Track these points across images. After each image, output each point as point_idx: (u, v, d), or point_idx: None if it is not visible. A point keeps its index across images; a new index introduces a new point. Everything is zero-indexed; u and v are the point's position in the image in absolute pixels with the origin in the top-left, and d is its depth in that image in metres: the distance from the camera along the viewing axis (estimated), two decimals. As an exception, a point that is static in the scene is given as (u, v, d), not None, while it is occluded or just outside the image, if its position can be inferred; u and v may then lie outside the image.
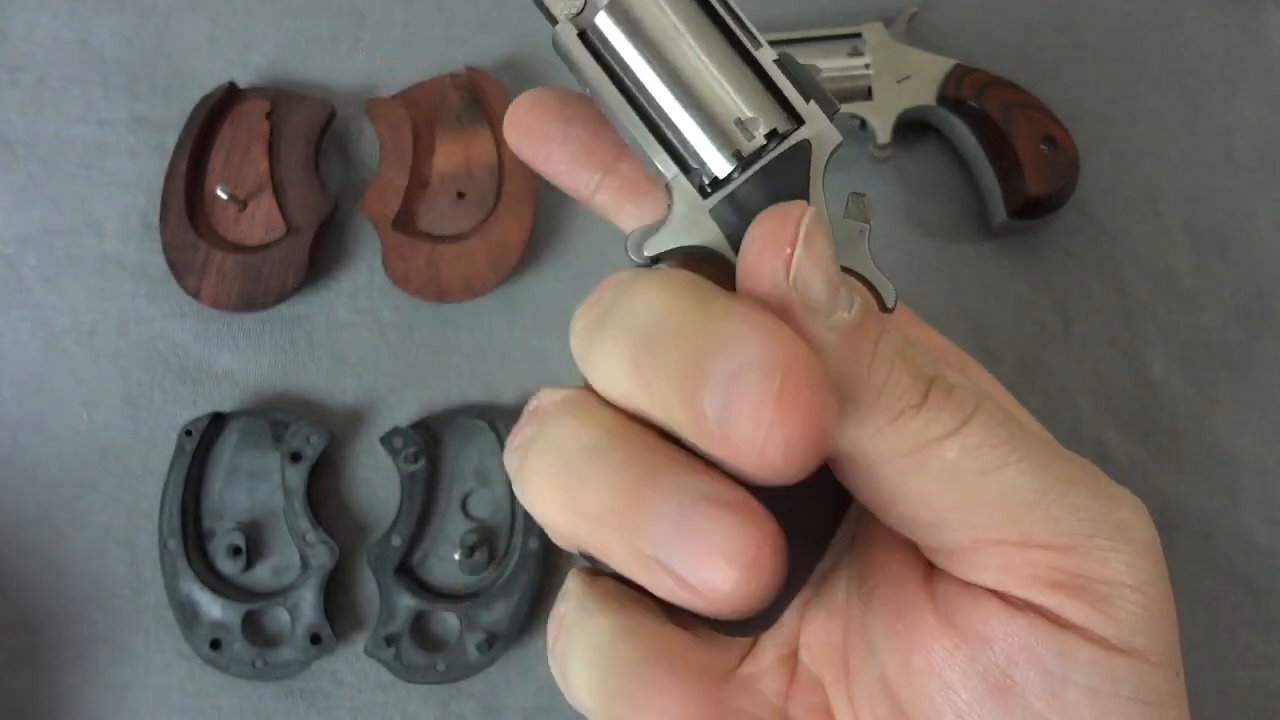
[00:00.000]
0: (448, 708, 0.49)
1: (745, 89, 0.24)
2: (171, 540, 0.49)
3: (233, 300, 0.52)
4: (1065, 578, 0.22)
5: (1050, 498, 0.22)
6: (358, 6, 0.58)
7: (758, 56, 0.25)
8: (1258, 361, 0.52)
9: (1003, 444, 0.22)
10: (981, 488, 0.22)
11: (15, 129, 0.56)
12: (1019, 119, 0.52)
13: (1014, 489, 0.22)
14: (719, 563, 0.19)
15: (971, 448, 0.22)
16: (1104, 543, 0.22)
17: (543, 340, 0.53)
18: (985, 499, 0.22)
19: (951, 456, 0.22)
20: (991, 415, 0.22)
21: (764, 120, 0.24)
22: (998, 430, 0.22)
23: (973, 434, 0.22)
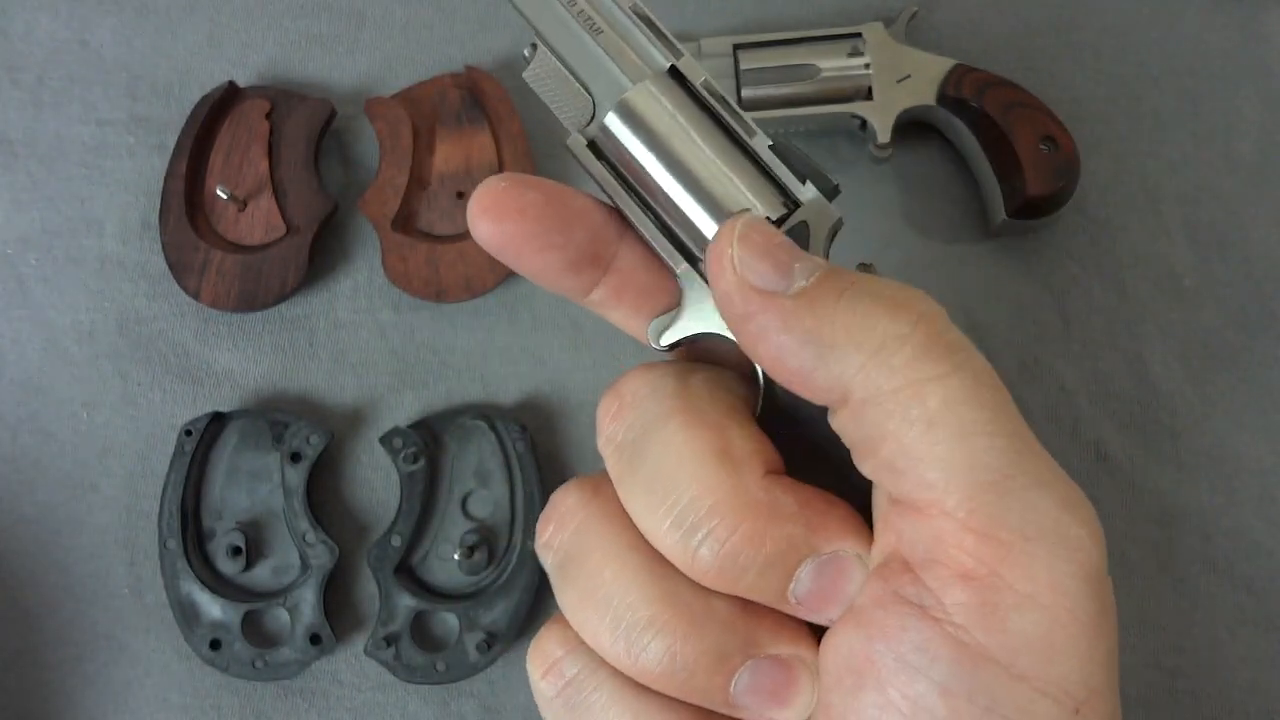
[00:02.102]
0: (448, 708, 0.49)
1: (743, 179, 0.25)
2: (171, 540, 0.49)
3: (233, 300, 0.52)
4: (982, 572, 0.22)
5: (1012, 486, 0.22)
6: (358, 6, 0.58)
7: (753, 145, 0.26)
8: (1258, 361, 0.52)
9: (986, 409, 0.22)
10: (952, 449, 0.22)
11: (15, 129, 0.56)
12: (1019, 119, 0.52)
13: (982, 464, 0.22)
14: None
15: (954, 401, 0.22)
16: (1038, 551, 0.22)
17: (542, 340, 0.53)
18: (951, 462, 0.22)
19: (934, 404, 0.22)
20: (980, 377, 0.22)
21: (761, 208, 0.25)
22: (984, 393, 0.22)
23: (957, 386, 0.22)
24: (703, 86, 0.26)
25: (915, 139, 0.55)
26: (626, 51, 0.26)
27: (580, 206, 0.27)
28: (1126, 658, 0.48)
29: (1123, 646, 0.25)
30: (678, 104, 0.26)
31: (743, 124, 0.26)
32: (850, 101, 0.54)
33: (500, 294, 0.54)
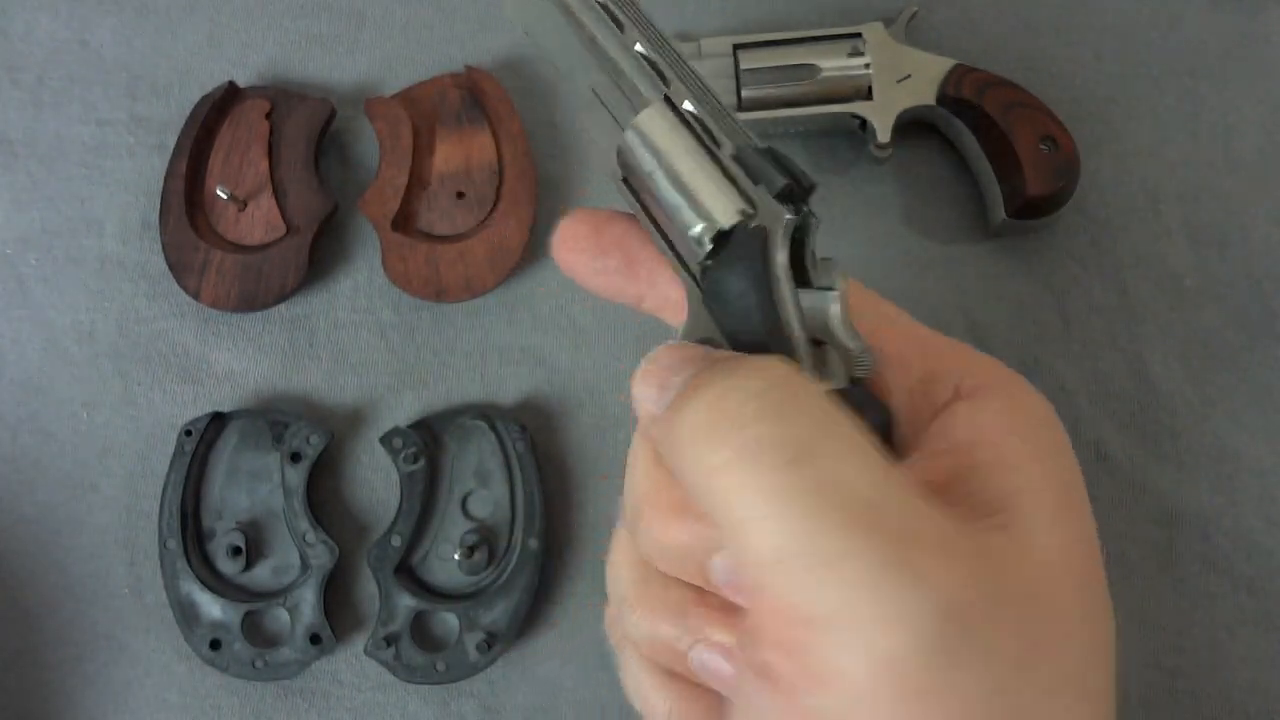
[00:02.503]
0: (448, 708, 0.49)
1: (707, 190, 0.27)
2: (171, 540, 0.49)
3: (233, 300, 0.52)
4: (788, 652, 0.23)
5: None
6: (358, 6, 0.58)
7: (720, 155, 0.27)
8: (1258, 361, 0.52)
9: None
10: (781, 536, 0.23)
11: (15, 129, 0.56)
12: (1019, 119, 0.52)
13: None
14: None
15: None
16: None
17: (543, 340, 0.53)
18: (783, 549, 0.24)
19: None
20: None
21: (717, 216, 0.27)
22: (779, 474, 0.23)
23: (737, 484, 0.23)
24: (687, 110, 0.28)
25: (915, 139, 0.55)
26: (635, 83, 0.29)
27: (619, 231, 0.30)
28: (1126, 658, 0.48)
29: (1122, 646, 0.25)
30: (671, 125, 0.28)
31: (710, 136, 0.28)
32: (850, 101, 0.54)
33: (500, 294, 0.54)
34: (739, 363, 0.24)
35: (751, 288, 0.26)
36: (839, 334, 0.26)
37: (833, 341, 0.26)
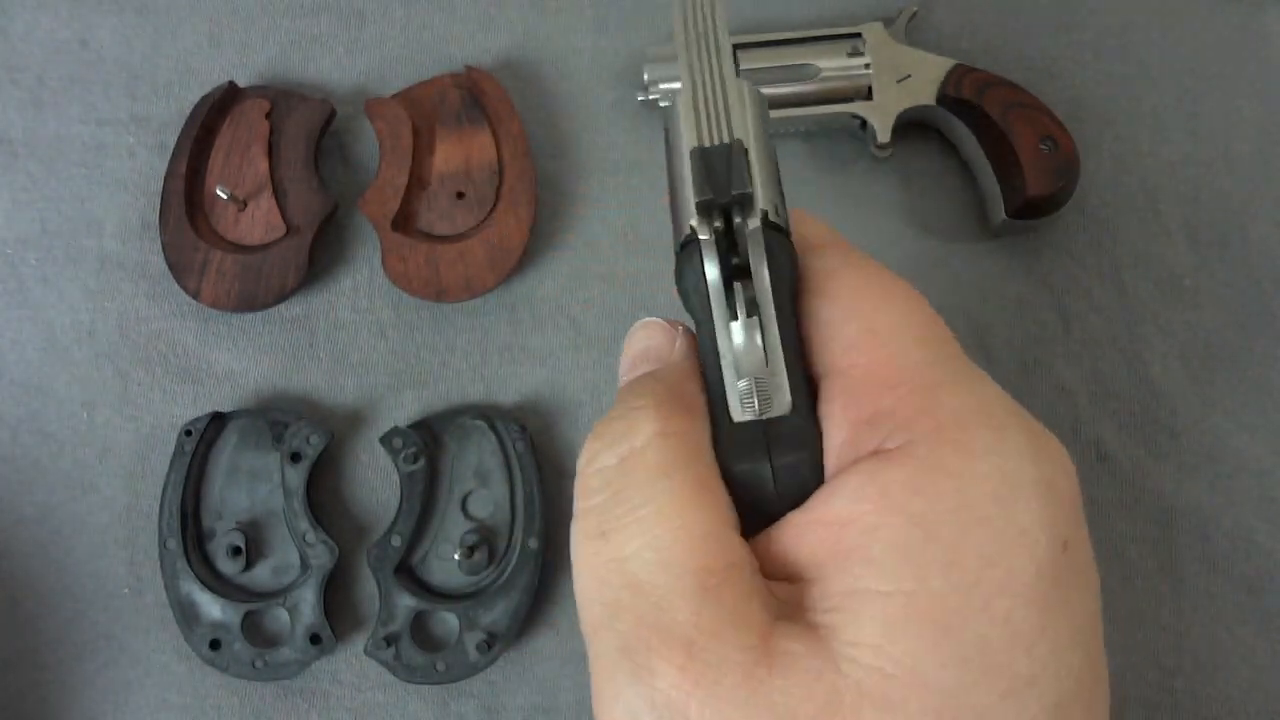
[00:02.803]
0: (448, 708, 0.49)
1: (682, 188, 0.27)
2: (171, 540, 0.49)
3: (233, 300, 0.52)
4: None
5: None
6: (358, 6, 0.58)
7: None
8: (1258, 361, 0.52)
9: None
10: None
11: (15, 129, 0.56)
12: (1019, 119, 0.52)
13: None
14: None
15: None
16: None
17: (543, 340, 0.53)
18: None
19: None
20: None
21: (681, 225, 0.27)
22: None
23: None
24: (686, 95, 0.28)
25: (915, 139, 0.55)
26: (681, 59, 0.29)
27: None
28: (1126, 658, 0.48)
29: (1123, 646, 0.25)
30: (685, 110, 0.28)
31: (697, 126, 0.27)
32: (850, 101, 0.54)
33: (500, 294, 0.54)
34: (621, 416, 0.25)
35: (693, 295, 0.26)
36: (735, 367, 0.25)
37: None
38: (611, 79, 0.57)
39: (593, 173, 0.56)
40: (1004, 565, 0.21)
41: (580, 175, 0.56)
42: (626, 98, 0.57)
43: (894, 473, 0.22)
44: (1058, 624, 0.21)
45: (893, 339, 0.24)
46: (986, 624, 0.20)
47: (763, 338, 0.24)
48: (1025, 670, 0.20)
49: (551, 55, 0.57)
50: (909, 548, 0.21)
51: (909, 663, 0.20)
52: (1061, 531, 0.21)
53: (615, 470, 0.24)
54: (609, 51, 0.57)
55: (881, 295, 0.25)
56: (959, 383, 0.23)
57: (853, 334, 0.24)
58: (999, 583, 0.20)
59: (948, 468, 0.21)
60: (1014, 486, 0.21)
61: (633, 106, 0.56)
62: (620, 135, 0.56)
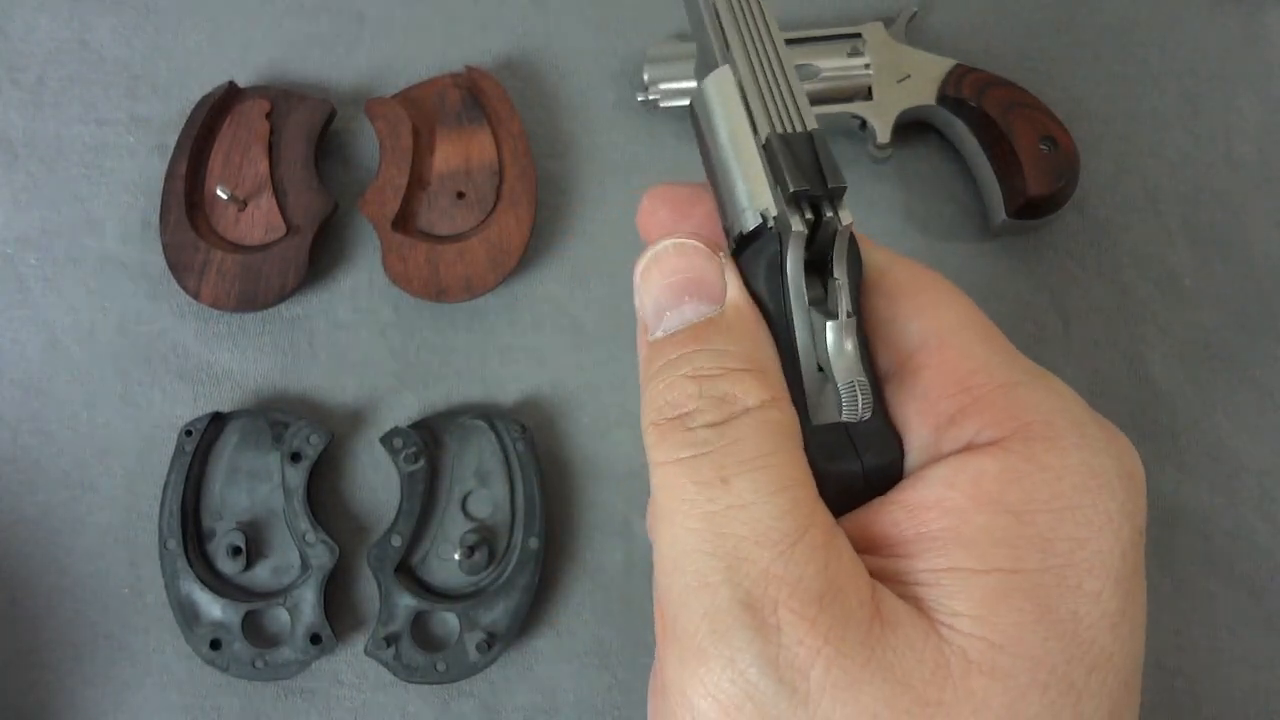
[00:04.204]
0: (448, 708, 0.49)
1: (741, 179, 0.26)
2: (171, 540, 0.49)
3: (233, 300, 0.52)
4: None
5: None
6: (358, 6, 0.58)
7: (754, 143, 0.26)
8: (1258, 361, 0.52)
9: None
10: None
11: (15, 129, 0.56)
12: (1019, 119, 0.52)
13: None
14: None
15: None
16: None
17: (542, 340, 0.53)
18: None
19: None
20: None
21: (742, 217, 0.26)
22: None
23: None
24: (741, 86, 0.26)
25: (915, 139, 0.55)
26: (717, 42, 0.28)
27: (700, 212, 0.29)
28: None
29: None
30: (729, 98, 0.26)
31: (759, 116, 0.26)
32: (850, 101, 0.54)
33: (500, 294, 0.54)
34: (717, 373, 0.24)
35: (767, 290, 0.25)
36: (832, 368, 0.24)
37: (827, 373, 0.24)
38: (611, 79, 0.57)
39: (593, 173, 0.56)
40: (1093, 548, 0.22)
41: (580, 175, 0.56)
42: (626, 98, 0.57)
43: (987, 464, 0.22)
44: (1135, 605, 0.22)
45: (958, 338, 0.25)
46: (1080, 601, 0.21)
47: (852, 336, 0.24)
48: (1109, 646, 0.21)
49: (551, 55, 0.57)
50: (1004, 532, 0.22)
51: (1014, 634, 0.21)
52: (1140, 520, 0.23)
53: (725, 427, 0.23)
54: (609, 51, 0.57)
55: (938, 293, 0.26)
56: (1034, 382, 0.24)
57: (917, 334, 0.25)
58: (1089, 564, 0.22)
59: (1040, 461, 0.22)
60: (1100, 478, 0.22)
61: (633, 106, 0.56)
62: (620, 135, 0.56)
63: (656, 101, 0.55)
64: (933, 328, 0.25)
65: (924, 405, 0.24)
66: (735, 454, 0.23)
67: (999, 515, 0.22)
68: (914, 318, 0.25)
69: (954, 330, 0.25)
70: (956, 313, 0.25)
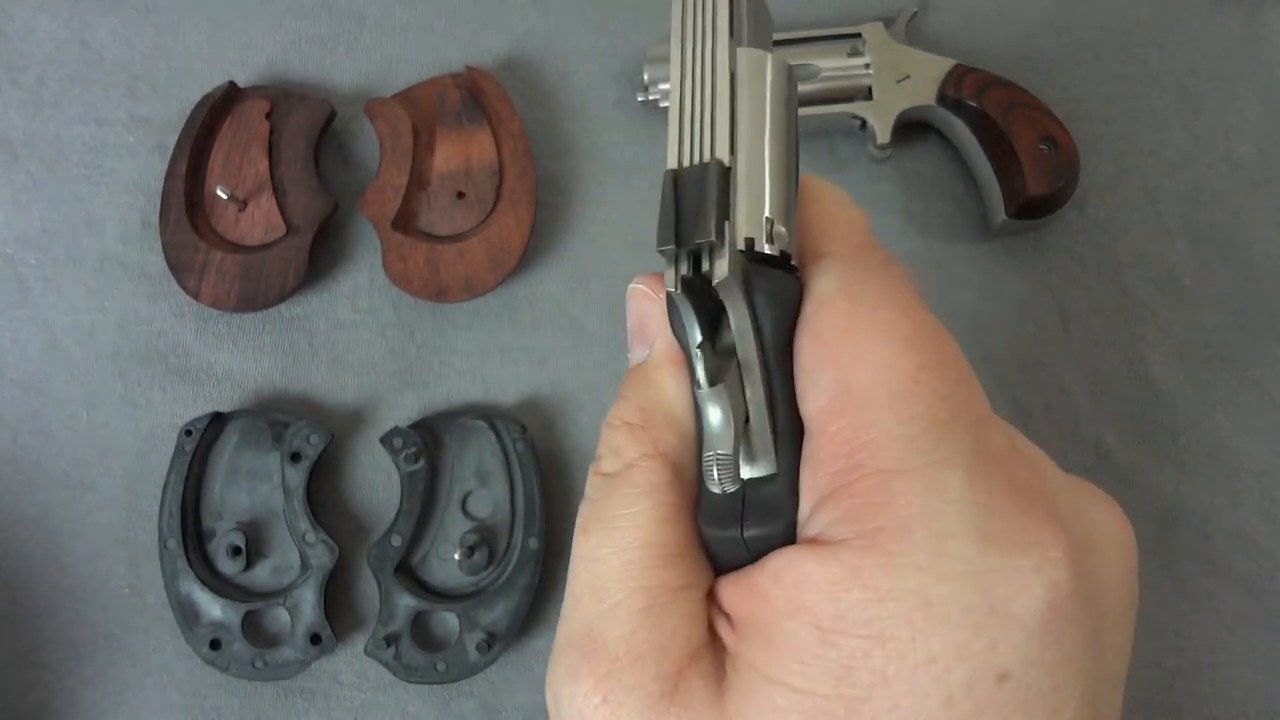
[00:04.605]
0: (448, 708, 0.49)
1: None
2: (171, 540, 0.49)
3: (233, 300, 0.52)
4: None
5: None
6: (358, 6, 0.58)
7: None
8: (1258, 361, 0.52)
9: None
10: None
11: (15, 129, 0.56)
12: (1019, 119, 0.52)
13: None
14: None
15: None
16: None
17: (543, 340, 0.53)
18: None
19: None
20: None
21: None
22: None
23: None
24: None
25: (915, 139, 0.55)
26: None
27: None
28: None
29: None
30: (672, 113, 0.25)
31: (679, 144, 0.24)
32: (850, 101, 0.54)
33: (500, 294, 0.54)
34: (619, 424, 0.25)
35: (681, 343, 0.24)
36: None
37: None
38: (611, 79, 0.57)
39: (593, 173, 0.56)
40: (901, 688, 0.19)
41: (580, 175, 0.56)
42: (626, 98, 0.57)
43: (813, 569, 0.21)
44: None
45: (866, 400, 0.21)
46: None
47: (745, 396, 0.22)
48: None
49: (551, 55, 0.57)
50: (804, 647, 0.20)
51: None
52: (999, 662, 0.19)
53: (607, 480, 0.25)
54: (609, 51, 0.57)
55: (865, 338, 0.22)
56: (921, 471, 0.21)
57: (827, 387, 0.22)
58: (891, 704, 0.19)
59: (867, 579, 0.20)
60: (933, 611, 0.20)
61: (633, 106, 0.56)
62: (620, 135, 0.56)
63: (656, 101, 0.55)
64: (842, 384, 0.22)
65: (809, 475, 0.22)
66: (600, 508, 0.25)
67: (804, 628, 0.20)
68: (830, 367, 0.22)
69: (862, 390, 0.22)
70: (877, 366, 0.22)
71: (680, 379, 0.25)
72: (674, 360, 0.25)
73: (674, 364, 0.25)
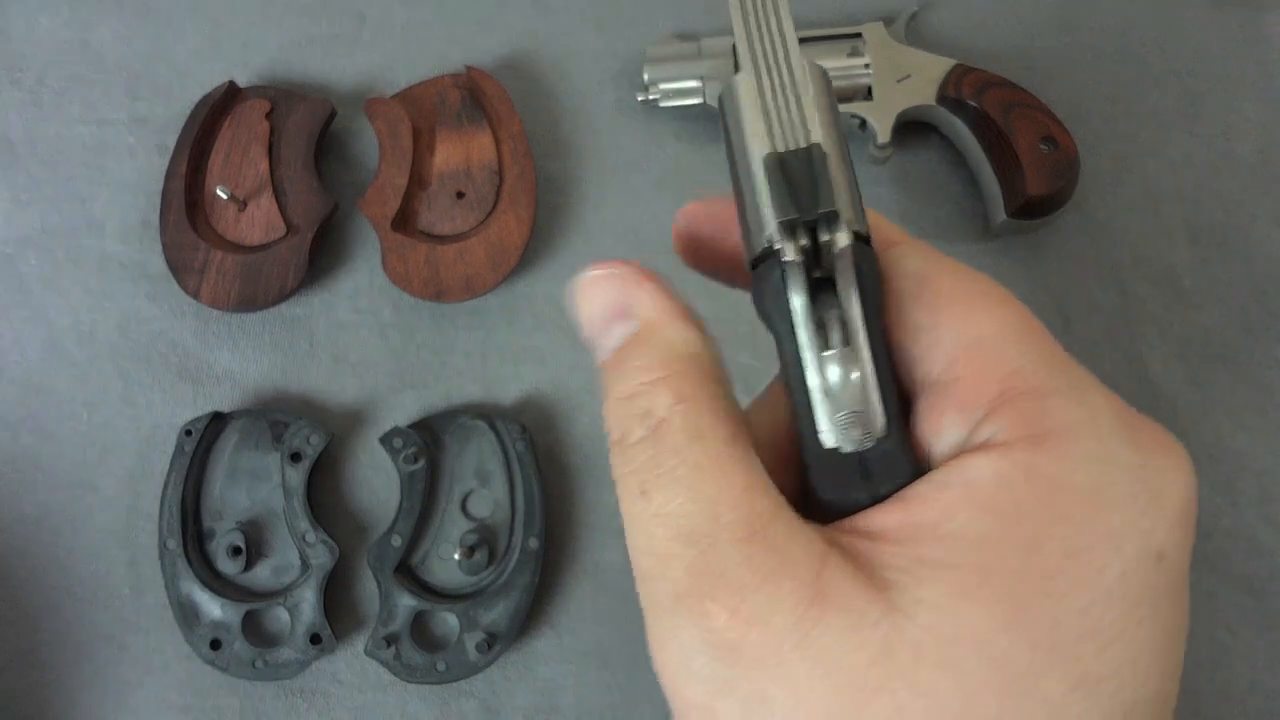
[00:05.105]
0: (448, 708, 0.49)
1: (753, 197, 0.25)
2: (171, 540, 0.49)
3: (233, 300, 0.52)
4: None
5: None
6: (358, 6, 0.58)
7: (759, 160, 0.25)
8: (1258, 361, 0.52)
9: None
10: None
11: (15, 129, 0.56)
12: (1019, 119, 0.52)
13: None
14: None
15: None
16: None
17: (543, 340, 0.53)
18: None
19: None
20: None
21: (752, 241, 0.25)
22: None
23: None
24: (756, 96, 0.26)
25: (915, 139, 0.55)
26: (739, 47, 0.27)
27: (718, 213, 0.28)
28: (1126, 658, 0.48)
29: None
30: (750, 105, 0.25)
31: (770, 131, 0.25)
32: (850, 101, 0.54)
33: (500, 294, 0.54)
34: (637, 394, 0.25)
35: (775, 314, 0.24)
36: (834, 399, 0.23)
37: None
38: (611, 79, 0.57)
39: (593, 173, 0.56)
40: (1086, 561, 0.21)
41: (580, 175, 0.56)
42: (626, 98, 0.57)
43: (985, 466, 0.22)
44: (1139, 629, 0.21)
45: (995, 348, 0.24)
46: (1062, 612, 0.20)
47: (857, 364, 0.23)
48: (1098, 668, 0.20)
49: (551, 55, 0.57)
50: (986, 531, 0.21)
51: (975, 631, 0.20)
52: (1158, 542, 0.22)
53: (648, 441, 0.24)
54: (609, 51, 0.57)
55: (977, 299, 0.25)
56: (1068, 391, 0.23)
57: (952, 343, 0.24)
58: (1079, 577, 0.21)
59: (1041, 470, 0.22)
60: (1105, 495, 0.22)
61: (633, 106, 0.56)
62: (620, 135, 0.56)
63: (656, 101, 0.55)
64: (972, 334, 0.24)
65: (954, 420, 0.24)
66: (653, 467, 0.24)
67: (984, 515, 0.21)
68: (953, 326, 0.24)
69: (993, 337, 0.24)
70: (998, 319, 0.24)
71: (689, 331, 0.25)
72: (678, 315, 0.26)
73: (679, 318, 0.25)
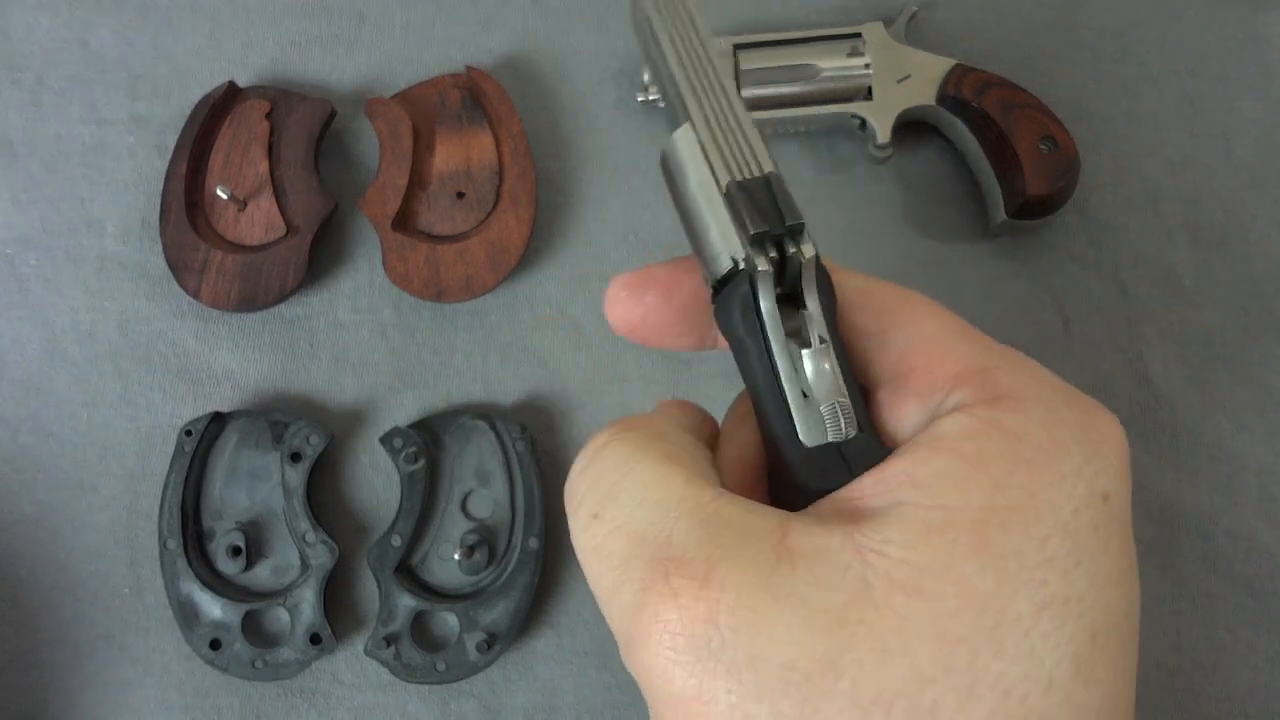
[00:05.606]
0: (448, 708, 0.49)
1: (711, 229, 0.28)
2: (171, 540, 0.49)
3: (233, 300, 0.52)
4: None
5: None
6: (358, 6, 0.58)
7: (717, 193, 0.27)
8: (1258, 361, 0.52)
9: None
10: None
11: (15, 129, 0.56)
12: (1019, 119, 0.52)
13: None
14: None
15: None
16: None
17: (543, 340, 0.53)
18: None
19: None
20: None
21: (713, 265, 0.27)
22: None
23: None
24: (701, 139, 0.28)
25: (915, 139, 0.55)
26: (681, 99, 0.29)
27: (693, 284, 0.29)
28: (1126, 658, 0.48)
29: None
30: (693, 152, 0.28)
31: (719, 166, 0.27)
32: (850, 101, 0.54)
33: (500, 294, 0.54)
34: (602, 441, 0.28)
35: (745, 327, 0.26)
36: (814, 393, 0.25)
37: (811, 398, 0.26)
38: (611, 79, 0.57)
39: (593, 173, 0.56)
40: (1045, 499, 0.23)
41: (580, 175, 0.56)
42: (626, 98, 0.57)
43: (948, 424, 0.24)
44: (1095, 560, 0.23)
45: (942, 341, 0.27)
46: (1024, 541, 0.22)
47: (830, 359, 0.26)
48: (1061, 591, 0.22)
49: (551, 55, 0.57)
50: (956, 474, 0.23)
51: (944, 560, 0.22)
52: (1102, 484, 0.24)
53: (590, 466, 0.27)
54: (609, 51, 0.57)
55: (919, 306, 0.28)
56: (1014, 367, 0.26)
57: (902, 342, 0.27)
58: (1038, 512, 0.23)
59: (1000, 422, 0.24)
60: (1058, 444, 0.24)
61: (633, 106, 0.56)
62: (620, 135, 0.56)
63: (656, 101, 0.55)
64: (919, 334, 0.27)
65: (919, 396, 0.26)
66: (597, 486, 0.26)
67: (954, 460, 0.23)
68: (900, 328, 0.27)
69: (938, 333, 0.27)
70: (939, 321, 0.27)
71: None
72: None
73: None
